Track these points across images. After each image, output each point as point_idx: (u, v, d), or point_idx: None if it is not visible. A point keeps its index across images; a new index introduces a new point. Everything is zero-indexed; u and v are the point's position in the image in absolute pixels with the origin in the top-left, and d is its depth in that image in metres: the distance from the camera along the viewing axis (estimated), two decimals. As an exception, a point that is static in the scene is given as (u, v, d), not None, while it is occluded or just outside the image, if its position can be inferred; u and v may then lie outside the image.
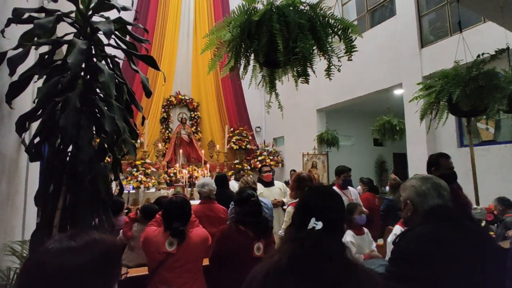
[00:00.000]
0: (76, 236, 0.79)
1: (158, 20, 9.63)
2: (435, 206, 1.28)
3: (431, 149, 5.70)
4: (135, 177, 7.92)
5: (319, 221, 0.97)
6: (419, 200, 1.32)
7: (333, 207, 1.07)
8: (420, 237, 1.24)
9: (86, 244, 0.77)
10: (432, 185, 1.32)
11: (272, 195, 4.18)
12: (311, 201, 1.11)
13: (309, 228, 0.97)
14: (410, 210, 1.35)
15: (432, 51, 5.78)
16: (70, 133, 1.71)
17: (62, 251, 0.74)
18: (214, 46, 1.78)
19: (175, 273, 1.86)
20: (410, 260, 1.18)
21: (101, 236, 0.82)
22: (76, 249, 0.75)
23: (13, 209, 2.39)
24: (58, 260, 0.72)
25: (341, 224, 1.07)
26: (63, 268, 0.72)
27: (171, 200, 2.06)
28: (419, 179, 1.37)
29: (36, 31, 1.74)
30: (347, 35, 1.55)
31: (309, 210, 1.04)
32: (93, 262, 0.75)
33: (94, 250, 0.77)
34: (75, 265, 0.72)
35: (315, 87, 8.17)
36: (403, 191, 1.40)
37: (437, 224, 1.25)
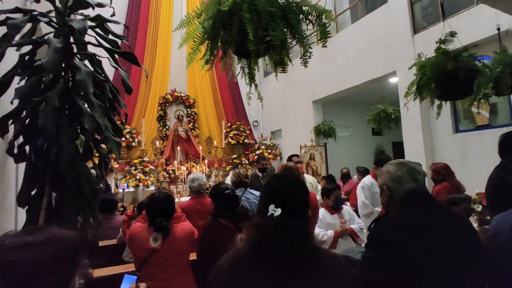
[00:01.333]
0: (33, 231, 0.79)
1: (150, 18, 9.57)
2: (409, 191, 1.28)
3: (427, 136, 5.69)
4: (134, 176, 7.95)
5: (278, 208, 0.96)
6: (394, 186, 1.31)
7: (293, 194, 1.06)
8: (393, 222, 1.23)
9: (43, 240, 0.77)
10: (407, 170, 1.31)
11: None
12: (271, 188, 1.10)
13: (269, 215, 0.96)
14: (386, 195, 1.35)
15: (425, 37, 5.72)
16: (50, 133, 1.71)
17: (17, 247, 0.74)
18: (191, 39, 1.77)
19: (160, 268, 1.87)
20: (384, 246, 1.17)
21: (61, 232, 0.82)
22: (32, 244, 0.75)
23: (3, 211, 2.41)
24: (13, 255, 0.73)
25: (304, 211, 1.06)
26: (18, 263, 0.72)
27: (153, 195, 2.06)
28: (394, 164, 1.37)
29: (10, 31, 1.73)
30: (321, 21, 1.53)
31: (269, 197, 1.04)
32: (49, 257, 0.75)
33: (51, 245, 0.77)
34: (30, 260, 0.73)
35: (310, 79, 8.16)
36: (380, 177, 1.40)
37: (411, 209, 1.24)
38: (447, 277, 1.11)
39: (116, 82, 2.84)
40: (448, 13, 5.53)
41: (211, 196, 2.19)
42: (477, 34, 4.83)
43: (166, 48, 9.74)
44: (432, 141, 5.65)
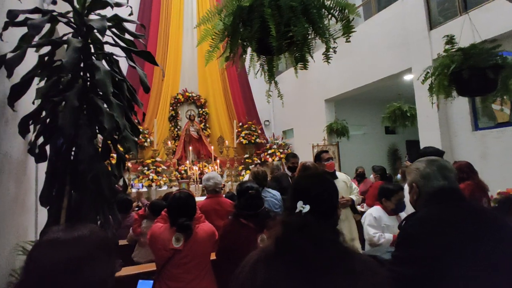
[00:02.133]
0: (73, 228, 0.79)
1: (161, 19, 9.64)
2: (439, 188, 1.24)
3: (445, 134, 5.54)
4: (147, 176, 8.01)
5: (307, 205, 0.94)
6: (423, 183, 1.28)
7: (322, 192, 1.03)
8: (423, 220, 1.20)
9: (77, 238, 0.77)
10: (437, 167, 1.28)
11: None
12: (300, 185, 1.09)
13: (296, 212, 0.94)
14: (415, 193, 1.31)
15: (442, 33, 5.56)
16: (68, 132, 1.71)
17: (53, 245, 0.75)
18: (210, 37, 1.74)
19: (183, 269, 1.85)
20: (413, 243, 1.15)
21: (93, 230, 0.82)
22: (67, 242, 0.76)
23: (24, 209, 2.44)
24: (49, 253, 0.73)
25: (333, 210, 1.03)
26: (54, 261, 0.72)
27: (174, 195, 2.05)
28: (424, 161, 1.33)
29: (30, 32, 1.74)
30: (344, 16, 1.48)
31: (297, 194, 1.02)
32: (90, 253, 0.75)
33: (85, 243, 0.77)
34: (65, 258, 0.73)
35: (322, 77, 8.06)
36: (409, 175, 1.37)
37: (440, 205, 1.20)
38: (476, 276, 1.07)
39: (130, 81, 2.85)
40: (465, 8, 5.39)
41: (236, 192, 2.17)
42: (496, 28, 4.69)
43: (177, 48, 9.79)
44: (451, 139, 5.51)
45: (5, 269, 2.02)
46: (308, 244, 0.86)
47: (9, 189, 2.07)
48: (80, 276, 0.73)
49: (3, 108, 1.97)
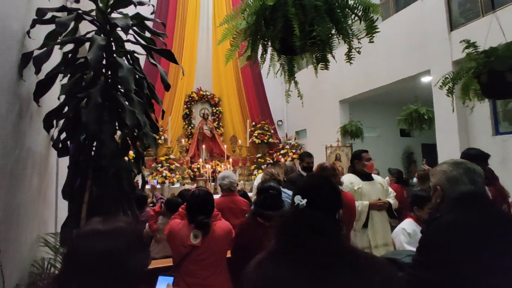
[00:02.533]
0: (107, 221, 0.82)
1: (177, 17, 9.74)
2: (465, 193, 1.20)
3: (464, 138, 5.41)
4: (160, 173, 8.12)
5: (304, 199, 1.00)
6: (449, 186, 1.24)
7: (320, 190, 1.08)
8: (446, 224, 1.17)
9: (117, 229, 0.80)
10: (464, 170, 1.23)
11: (374, 192, 3.10)
12: (301, 183, 1.13)
13: (294, 205, 0.98)
14: (439, 196, 1.28)
15: (463, 34, 5.43)
16: (92, 128, 1.75)
17: (94, 235, 0.78)
18: (231, 35, 1.75)
19: (200, 265, 1.87)
20: (435, 248, 1.13)
21: (129, 223, 0.85)
22: (108, 232, 0.79)
23: (45, 203, 2.52)
24: (90, 243, 0.75)
25: (332, 209, 1.05)
26: (95, 251, 0.75)
27: (193, 193, 2.07)
28: (450, 164, 1.29)
29: (58, 29, 1.79)
30: (368, 16, 1.46)
31: (297, 192, 1.07)
32: (124, 245, 0.77)
33: (124, 234, 0.80)
34: (104, 249, 0.75)
35: (337, 78, 7.98)
36: (433, 177, 1.33)
37: (467, 211, 1.17)
38: (499, 285, 1.04)
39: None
40: (487, 8, 5.24)
41: (257, 189, 2.18)
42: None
43: (192, 47, 9.87)
44: (470, 143, 5.36)
45: (27, 259, 2.08)
46: (304, 230, 0.91)
47: (32, 182, 2.13)
48: (119, 266, 0.75)
49: (28, 104, 2.03)
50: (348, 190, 2.90)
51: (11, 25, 1.75)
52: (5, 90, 1.65)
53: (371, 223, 2.97)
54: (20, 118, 1.88)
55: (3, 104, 1.62)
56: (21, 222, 1.93)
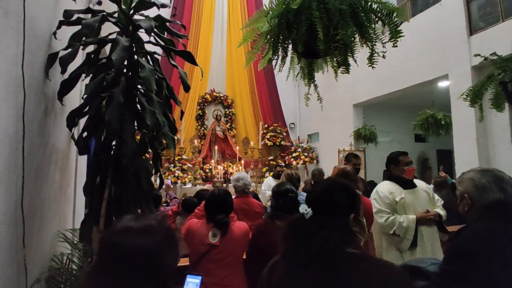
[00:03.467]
0: (139, 219, 0.84)
1: (193, 19, 9.86)
2: (495, 201, 1.17)
3: (482, 145, 5.28)
4: (173, 173, 8.20)
5: (309, 208, 1.00)
6: (477, 194, 1.21)
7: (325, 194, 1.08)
8: (477, 234, 1.14)
9: (149, 226, 0.82)
10: (493, 178, 1.21)
11: (419, 202, 2.60)
12: (309, 191, 1.14)
13: (300, 215, 1.00)
14: (467, 204, 1.25)
15: (482, 39, 5.33)
16: (115, 127, 1.79)
17: (127, 232, 0.80)
18: (251, 38, 1.77)
19: (218, 264, 1.88)
20: (467, 259, 1.09)
21: (160, 221, 0.87)
22: (140, 230, 0.81)
23: (66, 199, 2.58)
24: (123, 240, 0.77)
25: (342, 214, 1.03)
26: (128, 248, 0.77)
27: (213, 192, 2.09)
28: (478, 171, 1.26)
29: (84, 31, 1.84)
30: (392, 20, 1.45)
31: (307, 198, 1.09)
32: (156, 242, 0.79)
33: (156, 232, 0.82)
34: (138, 245, 0.77)
35: (351, 82, 7.90)
36: (460, 184, 1.30)
37: (497, 220, 1.14)
38: None
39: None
40: (508, 13, 5.12)
41: (273, 193, 2.18)
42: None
43: (207, 48, 9.97)
44: (488, 150, 5.24)
45: (47, 253, 2.14)
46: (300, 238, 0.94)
47: (55, 179, 2.19)
48: (153, 263, 0.76)
49: (53, 102, 2.09)
50: (388, 202, 2.54)
51: (39, 26, 1.81)
52: (34, 89, 1.71)
53: (420, 241, 2.47)
54: (46, 115, 1.94)
55: (31, 103, 1.67)
56: (44, 217, 1.98)
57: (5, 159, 1.45)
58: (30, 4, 1.66)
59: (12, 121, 1.51)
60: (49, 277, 2.06)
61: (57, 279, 2.07)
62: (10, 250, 1.54)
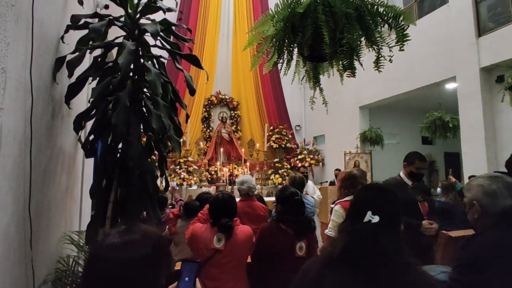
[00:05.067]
0: (127, 231, 0.82)
1: (199, 22, 9.92)
2: (508, 208, 1.14)
3: (491, 148, 5.21)
4: (178, 175, 8.23)
5: (375, 215, 0.92)
6: (488, 201, 1.18)
7: (389, 203, 1.01)
8: (492, 243, 1.11)
9: (136, 239, 0.79)
10: (503, 184, 1.18)
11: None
12: (367, 196, 1.07)
13: (365, 221, 0.93)
14: (477, 212, 1.21)
15: (492, 40, 5.26)
16: (121, 130, 1.80)
17: (116, 246, 0.78)
18: (257, 42, 1.77)
19: (222, 269, 1.88)
20: (480, 268, 1.06)
21: (150, 229, 0.85)
22: (129, 243, 0.78)
23: (72, 201, 2.60)
24: (112, 254, 0.76)
25: (398, 222, 1.00)
26: (117, 262, 0.75)
27: (217, 196, 2.09)
28: (487, 178, 1.23)
29: (91, 35, 1.86)
30: (399, 24, 1.44)
31: (364, 205, 1.00)
32: (144, 255, 0.77)
33: (144, 244, 0.79)
34: (128, 258, 0.75)
35: (357, 84, 7.83)
36: (468, 191, 1.27)
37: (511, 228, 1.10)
38: None
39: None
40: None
41: (278, 198, 2.17)
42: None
43: (212, 51, 10.02)
44: (497, 153, 5.16)
45: (54, 255, 2.16)
46: (377, 254, 0.86)
47: (62, 181, 2.21)
48: (133, 278, 0.75)
49: (60, 106, 2.11)
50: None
51: (48, 30, 1.83)
52: (42, 92, 1.73)
53: None
54: (53, 119, 1.96)
55: (39, 105, 1.69)
56: (51, 219, 2.00)
57: (14, 161, 1.47)
58: (39, 9, 1.68)
59: (21, 124, 1.53)
60: (56, 278, 2.07)
61: (63, 281, 2.09)
62: (19, 251, 1.55)
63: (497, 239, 1.12)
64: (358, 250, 0.87)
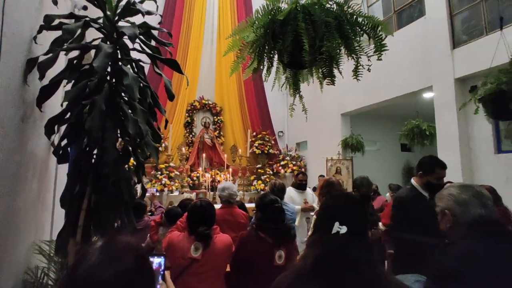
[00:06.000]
0: (107, 246, 0.76)
1: (183, 27, 9.85)
2: (478, 217, 1.16)
3: (465, 155, 5.40)
4: (159, 180, 8.07)
5: (343, 226, 0.92)
6: (459, 210, 1.20)
7: (356, 213, 1.01)
8: (466, 253, 1.11)
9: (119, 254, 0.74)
10: (473, 194, 1.20)
11: None
12: (333, 206, 1.06)
13: (334, 233, 0.92)
14: (449, 221, 1.23)
15: (466, 52, 5.49)
16: (96, 135, 1.73)
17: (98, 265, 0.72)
18: (237, 47, 1.76)
19: (198, 278, 1.83)
20: (451, 278, 1.07)
21: (131, 242, 0.79)
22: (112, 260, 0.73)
23: (44, 208, 2.48)
24: (94, 274, 0.70)
25: (366, 231, 1.00)
26: (100, 283, 0.70)
27: (195, 204, 2.04)
28: (457, 187, 1.25)
29: (65, 36, 1.80)
30: (377, 34, 1.46)
31: (332, 216, 0.99)
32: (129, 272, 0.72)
33: (128, 259, 0.74)
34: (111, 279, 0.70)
35: (339, 91, 7.99)
36: (440, 201, 1.29)
37: (484, 238, 1.12)
38: None
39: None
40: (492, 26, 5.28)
41: (257, 205, 2.13)
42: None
43: (196, 56, 9.96)
44: (471, 161, 5.35)
45: (22, 265, 2.04)
46: (348, 264, 0.85)
47: (32, 187, 2.11)
48: None
49: (32, 109, 2.02)
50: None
51: (21, 31, 1.76)
52: (13, 94, 1.65)
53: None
54: (23, 122, 1.87)
55: (9, 108, 1.61)
56: (20, 227, 1.90)
57: (-23, 168, 1.38)
58: (11, 8, 1.61)
59: (-14, 128, 1.45)
60: (23, 291, 1.96)
61: (30, 293, 1.97)
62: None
63: (468, 248, 1.13)
64: (329, 262, 0.85)
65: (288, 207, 2.85)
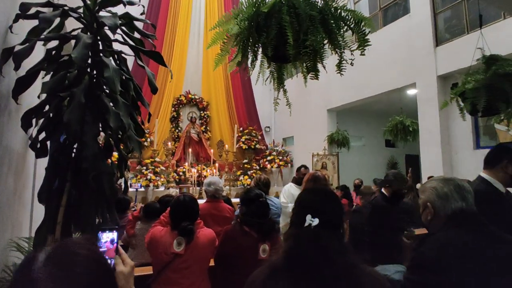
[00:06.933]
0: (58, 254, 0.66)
1: (168, 20, 9.67)
2: (458, 210, 1.19)
3: (446, 151, 5.55)
4: (145, 176, 7.95)
5: (315, 218, 0.93)
6: (440, 203, 1.23)
7: (329, 206, 1.03)
8: (443, 244, 1.15)
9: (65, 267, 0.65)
10: (454, 187, 1.23)
11: None
12: (306, 199, 1.07)
13: (306, 226, 0.93)
14: (430, 213, 1.26)
15: (448, 50, 5.62)
16: (74, 129, 1.68)
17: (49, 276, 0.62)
18: (221, 40, 1.73)
19: (181, 274, 1.81)
20: (432, 269, 1.10)
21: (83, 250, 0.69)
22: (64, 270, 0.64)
23: (21, 204, 2.40)
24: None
25: (340, 224, 1.02)
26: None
27: (178, 198, 2.01)
28: (440, 181, 1.28)
29: (41, 25, 1.72)
30: (360, 29, 1.47)
31: (304, 209, 1.01)
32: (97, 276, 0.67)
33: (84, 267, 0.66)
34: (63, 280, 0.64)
35: (325, 87, 8.07)
36: (422, 193, 1.32)
37: (460, 230, 1.16)
38: None
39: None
40: (473, 25, 5.42)
41: (242, 200, 2.12)
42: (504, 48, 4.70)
43: (182, 49, 9.81)
44: (451, 156, 5.50)
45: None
46: (319, 257, 0.85)
47: (8, 182, 2.03)
48: None
49: (7, 101, 1.94)
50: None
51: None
52: (-18, 86, 1.57)
53: None
54: (-2, 115, 1.79)
55: (-22, 101, 1.53)
56: (-7, 225, 1.83)
57: None
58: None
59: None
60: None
61: (7, 292, 1.91)
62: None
63: (444, 238, 1.16)
64: (300, 254, 0.86)
65: (273, 201, 2.86)
